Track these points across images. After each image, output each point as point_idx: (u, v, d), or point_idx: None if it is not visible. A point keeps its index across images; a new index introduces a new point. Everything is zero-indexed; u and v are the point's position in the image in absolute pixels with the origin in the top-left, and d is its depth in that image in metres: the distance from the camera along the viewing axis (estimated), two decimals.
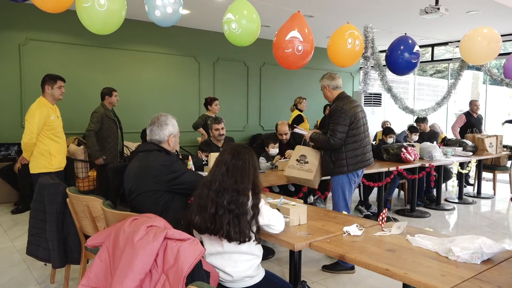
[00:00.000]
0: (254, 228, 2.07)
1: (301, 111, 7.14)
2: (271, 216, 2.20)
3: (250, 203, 2.06)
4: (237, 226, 2.00)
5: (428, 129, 7.14)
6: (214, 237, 2.05)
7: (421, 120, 7.08)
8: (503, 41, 4.01)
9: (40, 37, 6.48)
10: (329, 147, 3.65)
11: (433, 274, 1.77)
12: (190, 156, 3.98)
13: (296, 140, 5.26)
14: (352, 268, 3.60)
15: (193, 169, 3.81)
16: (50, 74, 4.14)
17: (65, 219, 2.92)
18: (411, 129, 6.78)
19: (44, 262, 3.13)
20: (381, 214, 2.45)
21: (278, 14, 5.89)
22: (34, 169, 4.08)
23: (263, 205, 2.16)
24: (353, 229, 2.32)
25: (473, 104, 7.68)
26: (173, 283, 1.71)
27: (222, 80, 8.33)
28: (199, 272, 1.81)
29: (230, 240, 2.01)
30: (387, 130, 6.46)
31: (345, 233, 2.31)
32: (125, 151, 5.94)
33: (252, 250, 2.09)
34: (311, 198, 5.07)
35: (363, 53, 3.06)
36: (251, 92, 8.77)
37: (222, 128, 4.65)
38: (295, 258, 2.54)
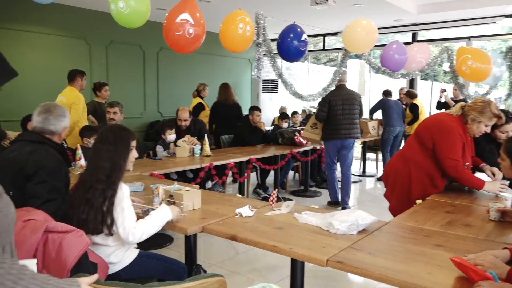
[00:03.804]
0: (109, 221, 1.98)
1: (202, 98, 7.08)
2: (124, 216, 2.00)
3: (107, 193, 1.96)
4: (91, 217, 1.94)
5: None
6: None
7: (293, 113, 7.65)
8: (381, 33, 4.41)
9: None
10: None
11: (315, 247, 1.91)
12: (78, 145, 3.75)
13: (197, 126, 5.23)
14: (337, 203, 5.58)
15: (83, 160, 3.57)
16: (80, 70, 5.17)
17: None
18: (282, 115, 6.80)
19: None
20: (272, 194, 2.56)
21: None
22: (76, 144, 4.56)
23: (125, 203, 2.02)
24: (245, 211, 2.40)
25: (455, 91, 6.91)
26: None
27: (116, 65, 7.91)
28: (86, 264, 1.74)
29: (85, 231, 1.89)
30: (283, 115, 6.72)
31: (237, 214, 2.39)
32: None
33: (107, 242, 2.05)
34: (209, 184, 5.11)
35: (254, 40, 3.13)
36: (148, 77, 8.47)
37: (115, 113, 4.42)
38: (190, 243, 2.55)
